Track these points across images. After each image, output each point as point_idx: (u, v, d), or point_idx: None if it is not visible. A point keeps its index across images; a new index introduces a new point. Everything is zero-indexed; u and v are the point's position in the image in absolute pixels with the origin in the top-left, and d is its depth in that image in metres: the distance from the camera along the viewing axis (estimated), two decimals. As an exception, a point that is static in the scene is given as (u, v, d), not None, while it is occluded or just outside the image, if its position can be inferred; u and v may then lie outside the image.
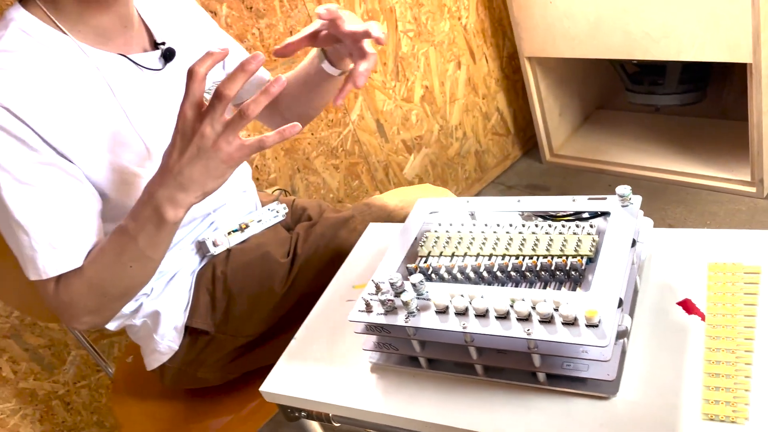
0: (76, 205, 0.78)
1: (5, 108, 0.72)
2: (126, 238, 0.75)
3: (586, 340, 0.54)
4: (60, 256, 0.77)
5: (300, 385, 0.71)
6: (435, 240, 0.73)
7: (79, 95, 0.80)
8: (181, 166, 0.70)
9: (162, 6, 0.96)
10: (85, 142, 0.79)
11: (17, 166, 0.74)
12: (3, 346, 1.25)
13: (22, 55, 0.77)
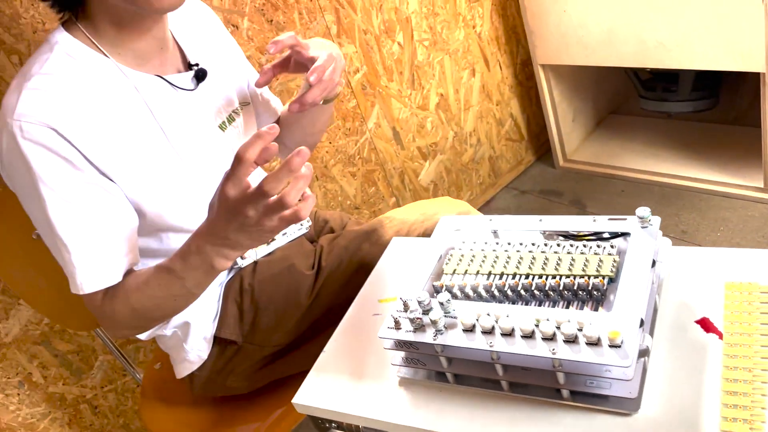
0: (115, 224, 0.82)
1: (53, 129, 0.76)
2: (173, 277, 0.79)
3: (609, 360, 0.57)
4: (97, 274, 0.81)
5: (331, 397, 0.74)
6: (460, 258, 0.76)
7: (120, 115, 0.83)
8: (227, 234, 0.73)
9: (193, 27, 0.99)
10: (125, 161, 0.82)
11: (62, 185, 0.78)
12: (34, 352, 1.29)
13: (68, 77, 0.80)
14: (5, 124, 0.76)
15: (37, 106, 0.76)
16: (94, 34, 0.85)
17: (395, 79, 1.73)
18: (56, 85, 0.79)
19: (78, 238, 0.80)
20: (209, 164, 0.95)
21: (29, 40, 1.16)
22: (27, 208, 0.82)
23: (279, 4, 1.46)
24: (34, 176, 0.76)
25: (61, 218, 0.78)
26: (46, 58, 0.81)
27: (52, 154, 0.77)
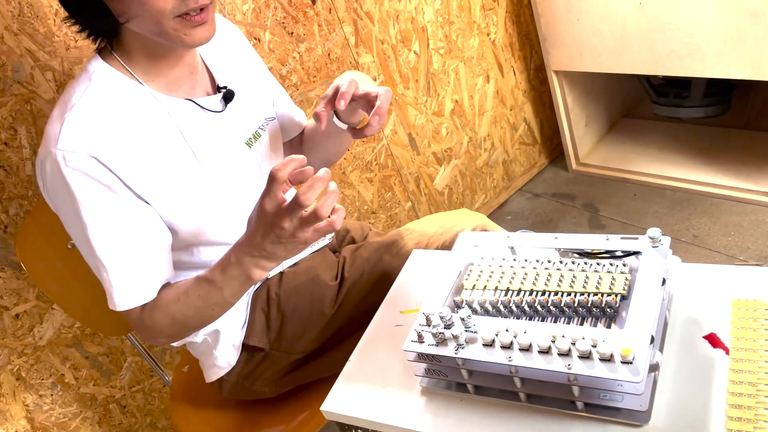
0: (151, 244, 0.87)
1: (94, 157, 0.81)
2: (212, 287, 0.85)
3: (622, 375, 0.61)
4: (133, 293, 0.87)
5: (356, 405, 0.79)
6: (479, 273, 0.80)
7: (154, 140, 0.88)
8: (264, 246, 0.78)
9: (221, 48, 1.04)
10: (159, 184, 0.87)
11: (102, 210, 0.83)
12: (66, 354, 1.35)
13: (106, 105, 0.85)
14: (49, 152, 0.81)
15: (78, 136, 0.81)
16: (128, 63, 0.90)
17: (411, 86, 1.77)
18: (95, 115, 0.84)
19: (115, 259, 0.85)
20: (237, 180, 0.99)
21: (62, 57, 1.21)
22: (68, 228, 0.87)
23: (299, 17, 1.50)
24: (76, 201, 0.81)
25: (100, 240, 0.84)
26: (85, 88, 0.86)
27: (93, 181, 0.82)
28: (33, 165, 1.22)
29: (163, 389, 1.51)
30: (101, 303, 1.15)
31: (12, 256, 1.23)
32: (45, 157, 0.82)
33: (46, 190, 0.85)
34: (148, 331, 0.90)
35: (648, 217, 1.87)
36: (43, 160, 0.82)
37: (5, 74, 1.16)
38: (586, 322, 0.70)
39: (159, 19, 0.81)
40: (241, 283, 0.84)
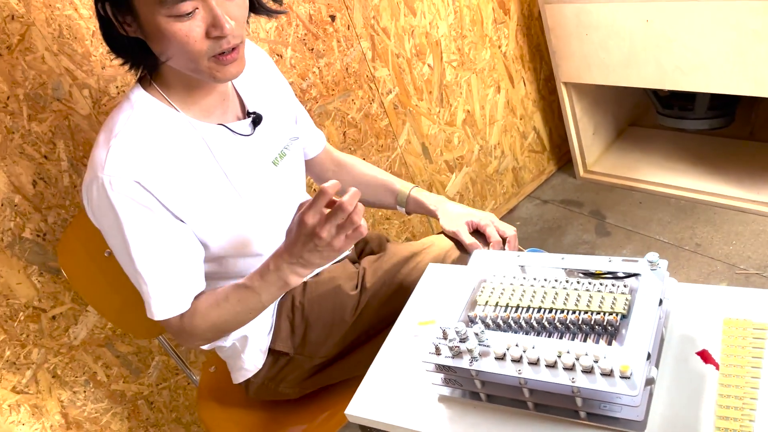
0: (185, 260, 0.95)
1: (137, 182, 0.89)
2: (250, 293, 0.94)
3: (620, 389, 0.68)
4: (169, 304, 0.95)
5: (378, 409, 0.86)
6: (491, 290, 0.87)
7: (190, 164, 0.96)
8: (302, 254, 0.89)
9: (250, 74, 1.11)
10: (195, 204, 0.95)
11: (143, 229, 0.91)
12: (98, 353, 1.43)
13: (146, 132, 0.93)
14: (96, 176, 0.89)
15: (123, 163, 0.89)
16: (166, 92, 0.97)
17: (425, 98, 1.84)
18: (138, 142, 0.92)
19: (154, 273, 0.93)
20: (265, 197, 1.07)
21: (98, 75, 1.29)
22: (111, 244, 0.95)
23: (319, 34, 1.57)
24: (120, 221, 0.90)
25: (141, 256, 0.92)
26: (129, 116, 0.94)
27: (136, 203, 0.90)
28: (70, 177, 1.30)
29: (188, 386, 1.59)
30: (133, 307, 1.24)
31: (50, 262, 1.31)
32: (92, 180, 0.90)
33: (92, 210, 0.93)
34: (187, 336, 0.98)
35: (653, 224, 1.93)
36: (90, 184, 0.90)
37: (45, 92, 1.24)
38: (589, 339, 0.77)
39: (195, 59, 0.89)
40: (279, 288, 0.94)
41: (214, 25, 0.86)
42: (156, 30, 0.87)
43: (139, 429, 1.54)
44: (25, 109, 1.22)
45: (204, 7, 0.86)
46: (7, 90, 1.19)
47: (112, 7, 0.89)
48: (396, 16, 1.70)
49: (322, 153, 1.31)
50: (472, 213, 1.17)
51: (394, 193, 1.27)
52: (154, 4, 0.84)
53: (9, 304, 1.28)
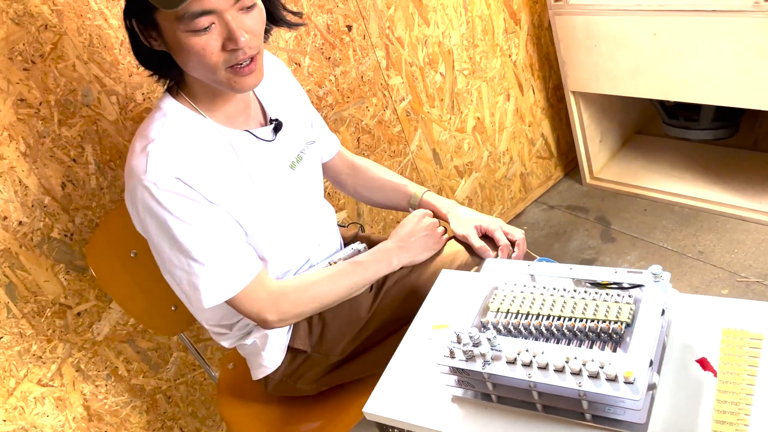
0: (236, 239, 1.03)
1: (178, 178, 0.95)
2: (360, 267, 1.14)
3: (624, 394, 0.73)
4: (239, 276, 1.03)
5: (394, 408, 0.91)
6: (503, 297, 0.92)
7: (219, 165, 1.02)
8: (410, 240, 1.18)
9: (270, 83, 1.17)
10: (226, 199, 1.02)
11: (193, 218, 0.98)
12: (120, 349, 1.49)
13: (179, 136, 0.99)
14: (140, 180, 0.94)
15: (163, 164, 0.95)
16: (193, 100, 1.04)
17: (437, 105, 1.89)
18: (173, 144, 0.98)
19: (211, 255, 0.99)
20: (283, 198, 1.13)
21: (125, 82, 1.34)
22: (159, 244, 1.00)
23: (336, 43, 1.62)
24: (169, 215, 0.96)
25: (195, 244, 0.98)
26: (162, 123, 1.00)
27: (180, 196, 0.96)
28: (97, 179, 1.35)
29: (204, 382, 1.65)
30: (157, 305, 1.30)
31: (76, 261, 1.37)
32: (135, 186, 0.95)
33: (138, 215, 0.99)
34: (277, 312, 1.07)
35: (657, 231, 1.98)
36: (134, 190, 0.96)
37: (75, 98, 1.29)
38: (595, 345, 0.82)
39: (213, 70, 0.95)
40: (384, 266, 1.15)
41: (230, 39, 0.93)
42: (177, 43, 0.93)
43: (156, 422, 1.59)
44: (56, 114, 1.28)
45: (219, 22, 0.92)
46: (39, 96, 1.25)
47: (138, 23, 0.96)
48: (410, 26, 1.75)
49: (337, 156, 1.37)
50: (480, 218, 1.23)
51: (407, 196, 1.32)
52: (173, 20, 0.91)
53: (37, 301, 1.34)
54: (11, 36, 1.19)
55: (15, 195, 1.26)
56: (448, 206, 1.28)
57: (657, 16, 1.68)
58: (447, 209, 1.27)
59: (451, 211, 1.27)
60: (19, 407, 1.36)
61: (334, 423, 1.19)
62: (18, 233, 1.28)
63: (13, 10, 1.18)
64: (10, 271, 1.29)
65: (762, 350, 0.81)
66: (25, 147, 1.25)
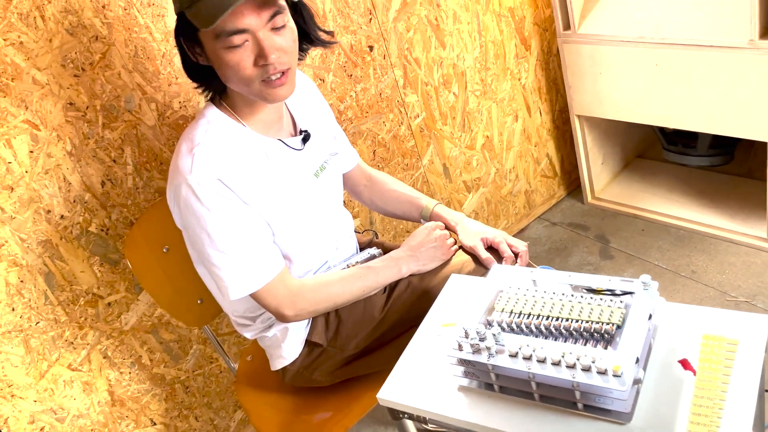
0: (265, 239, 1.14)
1: (219, 180, 1.06)
2: (372, 272, 1.25)
3: (612, 385, 0.83)
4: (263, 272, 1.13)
5: (406, 395, 1.01)
6: (507, 299, 1.02)
7: (254, 169, 1.13)
8: (420, 249, 1.28)
9: (299, 97, 1.28)
10: (261, 199, 1.12)
11: (228, 217, 1.08)
12: (144, 339, 1.58)
13: (221, 141, 1.10)
14: (185, 179, 1.05)
15: (207, 165, 1.06)
16: (233, 109, 1.15)
17: (449, 123, 2.00)
18: (216, 148, 1.09)
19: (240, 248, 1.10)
20: (307, 203, 1.23)
21: (165, 91, 1.46)
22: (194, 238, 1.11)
23: (358, 62, 1.74)
24: (207, 214, 1.07)
25: (226, 240, 1.09)
26: (206, 129, 1.11)
27: (219, 196, 1.07)
28: (134, 180, 1.46)
29: (220, 375, 1.75)
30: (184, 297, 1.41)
31: (110, 254, 1.47)
32: (179, 184, 1.06)
33: (179, 210, 1.09)
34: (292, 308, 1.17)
35: (653, 251, 2.08)
36: (178, 187, 1.07)
37: (119, 104, 1.40)
38: (588, 344, 0.92)
39: (247, 83, 1.07)
40: (394, 273, 1.25)
41: (261, 55, 1.04)
42: (217, 58, 1.05)
43: (174, 410, 1.69)
44: (101, 118, 1.39)
45: (252, 40, 1.03)
46: (86, 101, 1.36)
47: (186, 41, 1.08)
48: (427, 49, 1.87)
49: (356, 169, 1.48)
50: (487, 231, 1.33)
51: (419, 208, 1.42)
52: (213, 38, 1.03)
53: (72, 290, 1.44)
54: (65, 45, 1.30)
55: (59, 190, 1.37)
56: (457, 218, 1.38)
57: (659, 49, 1.80)
58: (456, 221, 1.37)
59: (460, 223, 1.37)
60: (50, 389, 1.46)
61: (344, 413, 1.29)
62: (59, 226, 1.39)
63: (68, 22, 1.30)
64: (50, 261, 1.39)
65: (737, 353, 0.91)
66: (71, 147, 1.36)
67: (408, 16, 1.80)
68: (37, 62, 1.28)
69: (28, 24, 1.25)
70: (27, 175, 1.32)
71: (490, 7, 1.97)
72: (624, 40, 1.86)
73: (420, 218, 1.43)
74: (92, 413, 1.54)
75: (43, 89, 1.30)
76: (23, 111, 1.29)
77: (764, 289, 1.82)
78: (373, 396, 1.03)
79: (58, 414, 1.48)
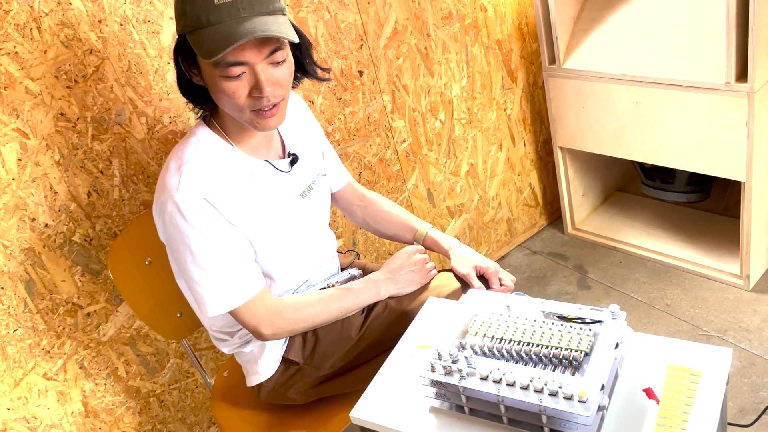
0: (245, 259, 1.15)
1: (204, 199, 1.08)
2: (350, 293, 1.24)
3: (578, 411, 0.85)
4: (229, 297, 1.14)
5: (377, 415, 1.03)
6: (481, 323, 1.05)
7: (240, 189, 1.15)
8: (399, 273, 1.30)
9: (290, 120, 1.31)
10: (245, 220, 1.14)
11: (210, 235, 1.10)
12: (122, 351, 1.59)
13: (209, 161, 1.12)
14: (170, 196, 1.07)
15: (193, 184, 1.08)
16: (224, 129, 1.17)
17: (434, 149, 2.04)
18: (204, 167, 1.11)
19: (218, 269, 1.11)
20: (291, 224, 1.25)
21: (155, 106, 1.48)
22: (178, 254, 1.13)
23: (348, 86, 1.77)
24: (191, 231, 1.09)
25: (207, 257, 1.11)
26: (195, 148, 1.13)
27: (203, 215, 1.09)
28: (120, 191, 1.48)
29: (195, 390, 1.75)
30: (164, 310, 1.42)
31: (92, 264, 1.48)
32: (165, 200, 1.08)
33: (164, 226, 1.11)
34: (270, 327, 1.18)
35: (629, 283, 2.11)
36: (164, 203, 1.08)
37: (109, 116, 1.43)
38: (557, 369, 0.95)
39: (239, 110, 1.10)
40: (372, 295, 1.27)
41: (256, 87, 1.07)
42: (212, 84, 1.08)
43: (147, 424, 1.68)
44: (90, 129, 1.41)
45: (250, 72, 1.06)
46: (77, 112, 1.38)
47: (184, 61, 1.10)
48: (416, 76, 1.91)
49: (347, 187, 1.50)
50: (480, 260, 1.36)
51: (413, 231, 1.44)
52: (211, 65, 1.06)
53: (52, 298, 1.45)
54: (59, 56, 1.33)
55: (45, 199, 1.38)
56: (451, 243, 1.40)
57: (639, 87, 1.85)
58: (449, 246, 1.39)
59: (453, 248, 1.39)
60: (24, 397, 1.46)
61: (318, 431, 1.30)
62: (43, 234, 1.40)
63: (64, 34, 1.32)
64: (32, 268, 1.40)
65: (699, 384, 0.93)
66: (59, 156, 1.38)
67: (398, 43, 1.85)
68: (30, 72, 1.30)
69: (24, 35, 1.27)
70: (14, 182, 1.33)
71: (478, 39, 2.03)
72: (607, 77, 1.92)
73: (413, 241, 1.45)
74: (65, 424, 1.53)
75: (35, 99, 1.32)
76: (14, 119, 1.30)
77: (735, 325, 1.86)
78: (346, 416, 1.04)
79: (31, 423, 1.48)
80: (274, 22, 1.04)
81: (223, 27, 1.00)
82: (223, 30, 1.00)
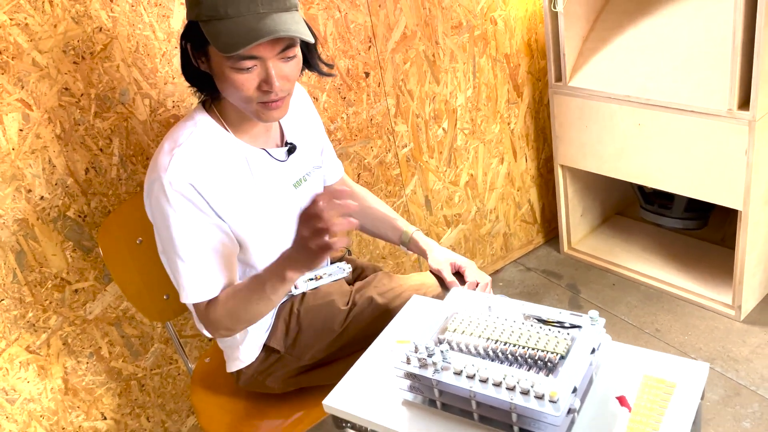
0: (222, 252, 1.14)
1: (191, 184, 1.08)
2: (259, 282, 1.10)
3: (547, 410, 0.85)
4: (200, 289, 1.13)
5: (351, 405, 1.03)
6: (461, 321, 1.05)
7: (234, 177, 1.15)
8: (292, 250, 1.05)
9: (293, 111, 1.31)
10: (232, 210, 1.14)
11: (190, 222, 1.10)
12: (106, 331, 1.59)
13: (204, 146, 1.13)
14: (159, 176, 1.08)
15: (182, 168, 1.09)
16: (222, 116, 1.18)
17: (435, 156, 2.05)
18: (196, 153, 1.11)
19: (193, 259, 1.11)
20: (282, 214, 1.26)
21: (160, 89, 1.50)
22: (159, 234, 1.13)
23: (353, 86, 1.79)
24: (172, 214, 1.09)
25: (183, 244, 1.10)
26: (191, 131, 1.14)
27: (188, 201, 1.09)
28: (117, 171, 1.49)
29: (178, 377, 1.74)
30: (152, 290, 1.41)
31: (84, 241, 1.49)
32: (154, 179, 1.09)
33: (150, 204, 1.12)
34: (210, 324, 1.15)
35: (621, 305, 2.11)
36: (153, 182, 1.09)
37: (113, 96, 1.44)
38: (532, 370, 0.95)
39: (246, 102, 1.10)
40: (278, 280, 1.06)
41: (266, 81, 1.07)
42: (221, 74, 1.08)
43: (126, 407, 1.68)
44: (94, 107, 1.42)
45: (261, 66, 1.06)
46: (82, 88, 1.40)
47: (192, 47, 1.10)
48: (422, 82, 1.93)
49: (339, 182, 1.51)
50: (456, 257, 1.36)
51: (398, 231, 1.45)
52: (222, 56, 1.05)
53: (41, 272, 1.45)
54: (69, 32, 1.35)
55: (42, 171, 1.40)
56: (429, 244, 1.41)
57: (643, 108, 1.86)
58: (426, 246, 1.40)
59: (430, 248, 1.39)
60: (5, 368, 1.46)
61: (294, 422, 1.30)
62: (38, 207, 1.41)
63: (75, 10, 1.34)
64: (23, 240, 1.41)
65: (673, 396, 0.93)
66: (60, 130, 1.39)
67: (406, 48, 1.87)
68: (39, 45, 1.32)
69: (36, 7, 1.30)
70: (13, 152, 1.35)
71: (487, 51, 2.05)
72: (611, 97, 1.93)
73: (399, 242, 1.45)
74: (44, 399, 1.53)
75: (41, 71, 1.34)
76: (19, 90, 1.32)
77: (723, 354, 1.84)
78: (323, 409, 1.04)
79: (10, 395, 1.48)
80: (292, 20, 1.04)
81: (243, 21, 1.01)
82: (242, 24, 1.01)
